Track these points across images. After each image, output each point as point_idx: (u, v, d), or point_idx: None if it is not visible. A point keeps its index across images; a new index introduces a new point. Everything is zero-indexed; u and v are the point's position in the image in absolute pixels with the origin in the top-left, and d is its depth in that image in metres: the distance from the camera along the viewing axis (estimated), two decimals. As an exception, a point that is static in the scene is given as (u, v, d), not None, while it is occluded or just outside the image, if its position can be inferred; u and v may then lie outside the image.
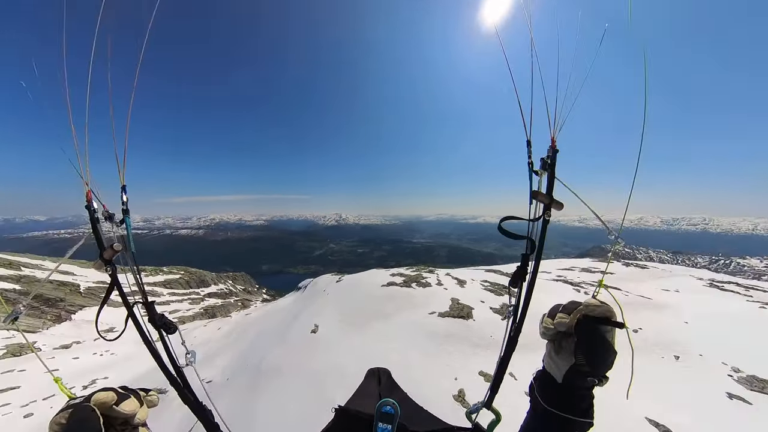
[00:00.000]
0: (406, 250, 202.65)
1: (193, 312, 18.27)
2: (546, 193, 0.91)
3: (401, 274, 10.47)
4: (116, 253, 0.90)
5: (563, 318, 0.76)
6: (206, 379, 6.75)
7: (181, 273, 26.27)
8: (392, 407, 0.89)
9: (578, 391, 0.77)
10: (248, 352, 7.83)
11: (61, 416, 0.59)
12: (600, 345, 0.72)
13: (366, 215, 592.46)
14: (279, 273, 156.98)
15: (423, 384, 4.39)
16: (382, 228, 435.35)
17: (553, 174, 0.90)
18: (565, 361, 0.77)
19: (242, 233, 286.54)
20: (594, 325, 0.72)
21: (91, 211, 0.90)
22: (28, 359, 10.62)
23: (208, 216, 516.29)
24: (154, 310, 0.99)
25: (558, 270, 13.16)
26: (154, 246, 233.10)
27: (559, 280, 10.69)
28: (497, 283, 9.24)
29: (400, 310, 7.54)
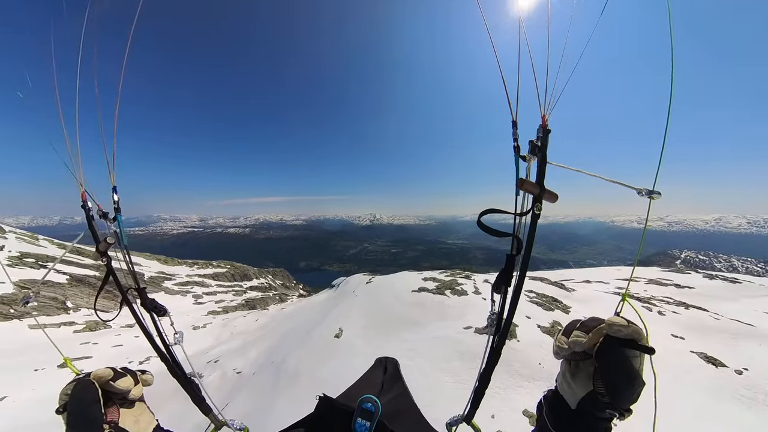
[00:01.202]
0: (441, 251, 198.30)
1: (236, 303, 19.48)
2: (536, 182, 0.75)
3: (434, 278, 9.67)
4: (109, 246, 0.98)
5: (580, 337, 0.67)
6: (236, 369, 6.90)
7: (227, 267, 28.40)
8: (373, 405, 0.88)
9: (593, 422, 0.68)
10: (275, 348, 7.86)
11: (67, 387, 0.71)
12: (625, 373, 0.61)
13: (400, 215, 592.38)
14: (316, 270, 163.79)
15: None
16: (416, 228, 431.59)
17: (544, 159, 0.73)
18: (582, 386, 0.68)
19: (283, 232, 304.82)
20: (619, 348, 0.62)
21: (86, 210, 0.98)
22: (101, 334, 12.19)
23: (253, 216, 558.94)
24: (145, 296, 1.07)
25: (617, 281, 11.34)
26: (207, 242, 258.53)
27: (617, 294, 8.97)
28: (545, 295, 7.98)
29: (431, 321, 6.81)
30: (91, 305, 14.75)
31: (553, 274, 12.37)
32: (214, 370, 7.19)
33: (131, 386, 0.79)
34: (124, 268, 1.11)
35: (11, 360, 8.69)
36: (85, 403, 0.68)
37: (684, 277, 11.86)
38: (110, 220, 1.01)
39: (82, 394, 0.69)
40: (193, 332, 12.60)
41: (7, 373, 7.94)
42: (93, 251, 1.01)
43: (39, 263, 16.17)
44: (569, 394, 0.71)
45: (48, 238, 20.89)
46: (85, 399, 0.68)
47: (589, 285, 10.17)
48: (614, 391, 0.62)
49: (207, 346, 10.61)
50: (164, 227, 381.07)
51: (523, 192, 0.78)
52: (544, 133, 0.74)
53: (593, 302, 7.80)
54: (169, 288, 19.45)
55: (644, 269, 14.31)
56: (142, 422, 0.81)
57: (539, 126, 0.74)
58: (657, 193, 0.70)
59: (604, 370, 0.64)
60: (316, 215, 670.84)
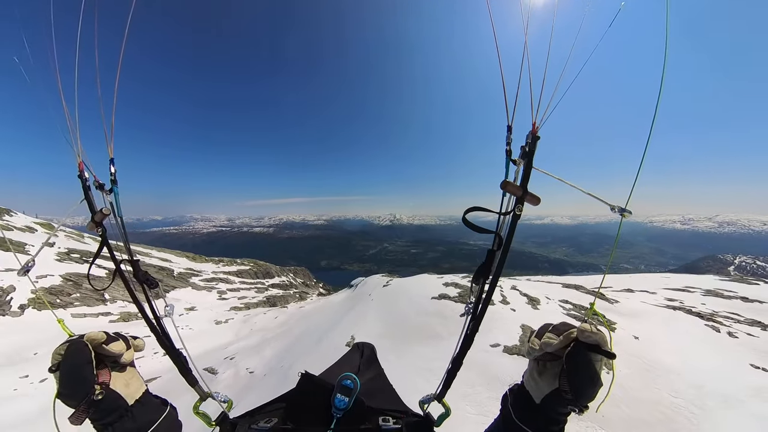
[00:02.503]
0: (462, 252, 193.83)
1: (257, 300, 19.95)
2: (520, 184, 0.79)
3: (456, 284, 8.77)
4: (105, 217, 0.96)
5: (552, 339, 0.73)
6: (249, 369, 6.88)
7: (251, 265, 29.35)
8: (352, 381, 0.94)
9: (554, 415, 0.76)
10: (287, 351, 7.73)
11: (60, 348, 0.72)
12: (589, 375, 0.67)
13: (420, 215, 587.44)
14: (336, 269, 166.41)
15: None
16: (437, 228, 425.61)
17: (530, 163, 0.78)
18: (548, 384, 0.75)
19: (305, 232, 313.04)
20: (586, 353, 0.68)
21: (83, 180, 0.96)
22: (133, 324, 12.97)
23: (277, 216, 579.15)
24: (138, 268, 1.06)
25: (666, 290, 9.80)
26: (234, 241, 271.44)
27: (677, 307, 7.44)
28: (583, 306, 6.98)
29: (453, 335, 5.89)
30: (127, 298, 15.69)
31: (585, 280, 11.14)
32: (229, 368, 7.24)
33: (123, 350, 0.80)
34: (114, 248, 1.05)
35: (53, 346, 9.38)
36: (78, 363, 0.69)
37: (750, 288, 10.02)
38: (106, 191, 0.99)
39: (74, 355, 0.70)
40: (215, 327, 13.01)
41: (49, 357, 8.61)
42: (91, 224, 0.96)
43: (83, 258, 17.49)
44: (535, 390, 0.78)
45: (92, 236, 22.64)
46: (78, 359, 0.69)
47: (632, 295, 8.92)
48: (579, 389, 0.67)
49: (227, 341, 10.85)
50: (196, 226, 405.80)
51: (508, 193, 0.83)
52: (533, 140, 0.78)
53: (643, 317, 6.51)
54: (196, 284, 20.32)
55: (696, 277, 12.53)
56: (132, 386, 0.82)
57: (529, 132, 0.78)
58: (628, 211, 0.74)
59: (572, 372, 0.68)
60: (337, 215, 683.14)
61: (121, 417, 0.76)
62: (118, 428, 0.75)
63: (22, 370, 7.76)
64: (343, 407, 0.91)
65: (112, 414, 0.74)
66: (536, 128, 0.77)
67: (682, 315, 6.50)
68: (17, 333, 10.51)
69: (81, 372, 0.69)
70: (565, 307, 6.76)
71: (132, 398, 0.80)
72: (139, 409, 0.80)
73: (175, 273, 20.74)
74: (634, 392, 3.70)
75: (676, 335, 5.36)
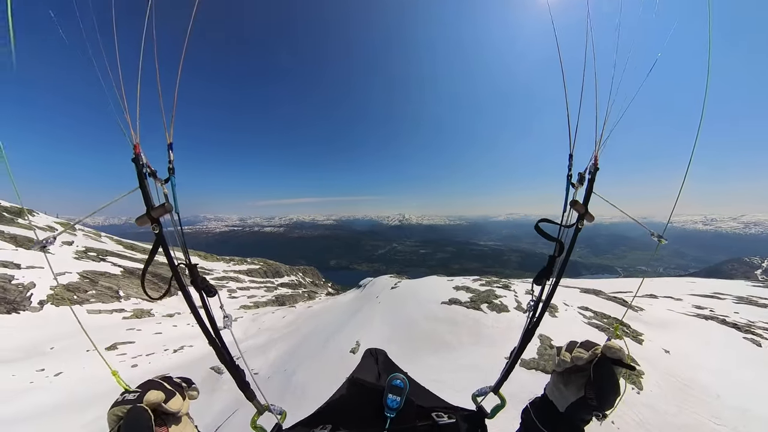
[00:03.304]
0: (472, 253, 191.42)
1: (266, 299, 20.09)
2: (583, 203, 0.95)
3: (467, 288, 8.29)
4: (166, 213, 0.85)
5: (582, 353, 0.80)
6: (254, 370, 6.75)
7: (260, 264, 29.69)
8: (402, 381, 0.96)
9: (577, 422, 0.83)
10: (291, 354, 7.57)
11: (118, 409, 0.70)
12: (612, 387, 0.75)
13: (429, 215, 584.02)
14: (345, 269, 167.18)
15: None
16: (446, 228, 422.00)
17: (591, 189, 0.94)
18: (574, 393, 0.82)
19: (315, 231, 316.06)
20: (610, 366, 0.76)
21: (139, 165, 0.82)
22: (145, 321, 13.24)
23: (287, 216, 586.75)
24: (196, 273, 0.98)
25: (693, 296, 9.12)
26: (245, 240, 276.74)
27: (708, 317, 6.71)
28: (606, 315, 6.36)
29: (463, 345, 5.56)
30: (140, 295, 16.04)
31: (603, 284, 10.52)
32: None
33: (181, 406, 0.79)
34: None
35: (69, 341, 9.68)
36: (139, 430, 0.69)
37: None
38: (161, 181, 0.87)
39: (135, 423, 0.69)
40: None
41: (65, 352, 8.88)
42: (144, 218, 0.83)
43: (99, 257, 18.00)
44: (560, 400, 0.86)
45: (109, 235, 23.37)
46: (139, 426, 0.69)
47: (656, 301, 8.29)
48: (603, 398, 0.76)
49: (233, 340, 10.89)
50: (209, 226, 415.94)
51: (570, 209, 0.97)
52: (594, 170, 0.93)
53: (672, 328, 5.91)
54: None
55: (726, 283, 11.68)
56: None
57: (591, 164, 0.93)
58: (664, 239, 0.92)
59: (598, 382, 0.76)
60: (347, 215, 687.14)
61: None
62: None
63: (38, 363, 7.96)
64: (395, 407, 0.92)
65: None
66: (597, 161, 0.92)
67: (715, 325, 5.99)
68: (36, 328, 10.86)
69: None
70: (586, 315, 6.22)
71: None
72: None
73: (187, 273, 21.16)
74: (669, 417, 3.30)
75: (712, 349, 4.88)
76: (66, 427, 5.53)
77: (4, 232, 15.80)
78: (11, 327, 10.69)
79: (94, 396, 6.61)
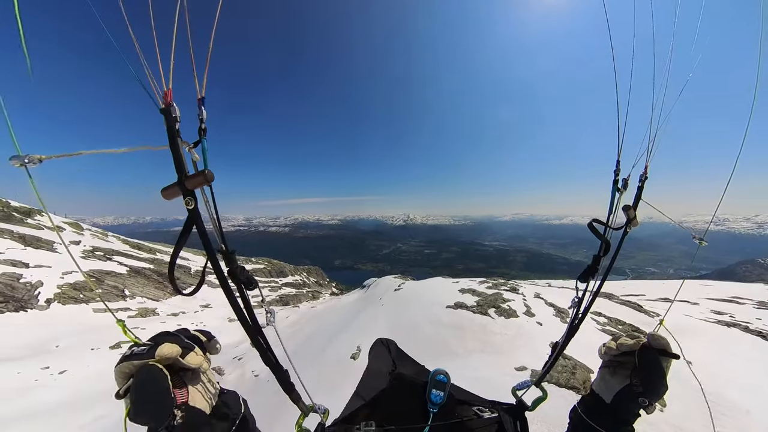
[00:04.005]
0: (477, 253, 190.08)
1: (270, 298, 20.11)
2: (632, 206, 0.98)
3: (473, 290, 7.90)
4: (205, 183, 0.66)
5: (627, 341, 0.84)
6: (255, 372, 6.70)
7: (265, 263, 29.81)
8: (445, 376, 0.97)
9: (624, 414, 0.84)
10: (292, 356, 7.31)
11: (125, 366, 0.60)
12: (658, 371, 0.77)
13: (434, 215, 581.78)
14: (349, 269, 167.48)
15: None
16: (451, 228, 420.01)
17: (639, 197, 1.00)
18: (619, 382, 0.84)
19: (319, 231, 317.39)
20: (655, 354, 0.79)
21: (169, 117, 0.63)
22: (149, 321, 13.33)
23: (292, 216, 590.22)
24: (235, 261, 0.76)
25: (711, 300, 8.72)
26: (251, 240, 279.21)
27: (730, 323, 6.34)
28: (621, 321, 6.03)
29: (470, 353, 5.14)
30: (145, 294, 16.15)
31: (614, 287, 10.17)
32: (236, 368, 7.12)
33: (202, 362, 0.69)
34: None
35: (74, 339, 9.75)
36: (153, 392, 0.59)
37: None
38: (189, 144, 0.67)
39: (148, 385, 0.59)
40: (228, 324, 13.12)
41: (70, 350, 8.94)
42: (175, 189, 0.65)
43: (106, 256, 18.18)
44: (605, 391, 0.88)
45: (116, 235, 23.65)
46: (153, 389, 0.59)
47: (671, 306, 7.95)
48: (650, 383, 0.78)
49: (238, 339, 10.89)
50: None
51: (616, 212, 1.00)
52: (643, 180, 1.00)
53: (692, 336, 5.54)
54: (212, 281, 20.67)
55: (744, 286, 11.21)
56: (210, 392, 0.73)
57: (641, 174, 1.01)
58: (705, 240, 1.02)
59: (643, 368, 0.79)
60: (351, 215, 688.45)
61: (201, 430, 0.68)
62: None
63: (44, 361, 8.00)
64: (439, 402, 0.93)
65: (192, 430, 0.66)
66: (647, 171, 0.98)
67: (738, 333, 5.61)
68: (42, 326, 10.96)
69: (157, 402, 0.59)
70: (599, 321, 5.86)
71: (211, 407, 0.72)
72: (218, 415, 0.74)
73: (192, 270, 21.27)
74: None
75: (737, 360, 4.52)
76: (69, 424, 5.53)
77: (13, 231, 16.05)
78: (19, 325, 10.80)
79: (98, 394, 6.61)
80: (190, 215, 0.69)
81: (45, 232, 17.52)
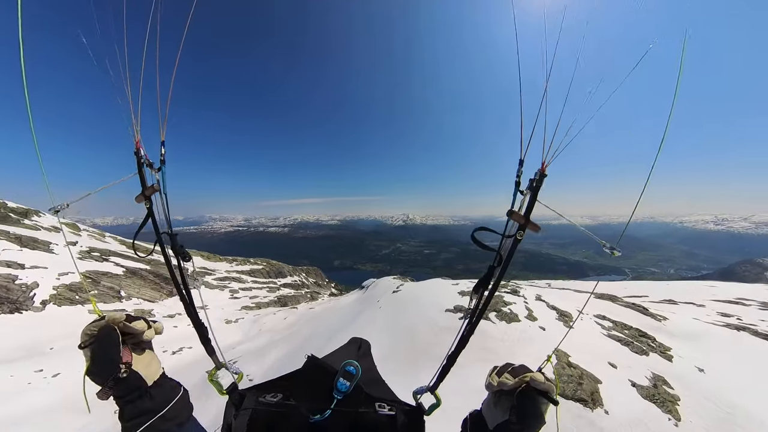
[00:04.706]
0: (476, 254, 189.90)
1: (268, 299, 19.93)
2: (524, 213, 0.93)
3: None
4: (154, 192, 1.07)
5: (508, 380, 0.86)
6: (250, 376, 6.62)
7: (263, 264, 29.61)
8: (355, 368, 1.01)
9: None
10: (287, 361, 7.22)
11: (90, 327, 0.79)
12: (534, 415, 0.81)
13: (433, 215, 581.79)
14: (349, 269, 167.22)
15: None
16: (450, 229, 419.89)
17: (535, 198, 0.92)
18: (500, 415, 0.88)
19: (319, 232, 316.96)
20: (536, 396, 0.82)
21: (138, 157, 1.06)
22: None
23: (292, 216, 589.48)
24: (176, 241, 1.13)
25: (716, 302, 8.56)
26: (250, 240, 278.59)
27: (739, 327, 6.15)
28: (628, 326, 5.78)
29: (470, 361, 4.66)
30: (141, 295, 16.00)
31: (617, 288, 10.01)
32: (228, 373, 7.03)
33: (145, 329, 0.85)
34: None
35: (69, 341, 9.60)
36: (108, 345, 0.77)
37: None
38: (155, 170, 1.09)
39: (105, 337, 0.77)
40: (225, 326, 12.97)
41: (65, 352, 8.81)
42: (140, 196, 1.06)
43: (102, 257, 18.01)
44: (490, 418, 0.92)
45: (113, 235, 23.45)
46: (108, 342, 0.76)
47: (677, 308, 7.73)
48: (524, 425, 0.80)
49: (235, 341, 10.74)
50: (214, 226, 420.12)
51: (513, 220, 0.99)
52: (540, 177, 0.90)
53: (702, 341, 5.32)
54: (209, 282, 20.55)
55: (749, 287, 11.03)
56: (152, 368, 0.88)
57: (538, 170, 0.90)
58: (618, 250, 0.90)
59: (521, 409, 0.82)
60: (351, 215, 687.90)
61: (141, 396, 0.82)
62: (138, 405, 0.81)
63: (37, 364, 7.87)
64: (344, 390, 0.97)
65: (133, 392, 0.81)
66: (545, 167, 0.90)
67: (748, 337, 5.44)
68: (37, 328, 10.80)
69: (109, 352, 0.76)
70: (604, 325, 5.62)
71: (151, 379, 0.86)
72: (156, 390, 0.86)
73: (189, 272, 21.00)
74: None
75: (750, 366, 4.34)
76: (61, 429, 5.40)
77: (9, 232, 15.88)
78: (13, 326, 10.65)
79: (91, 397, 6.48)
80: (148, 212, 1.07)
81: (42, 233, 17.35)
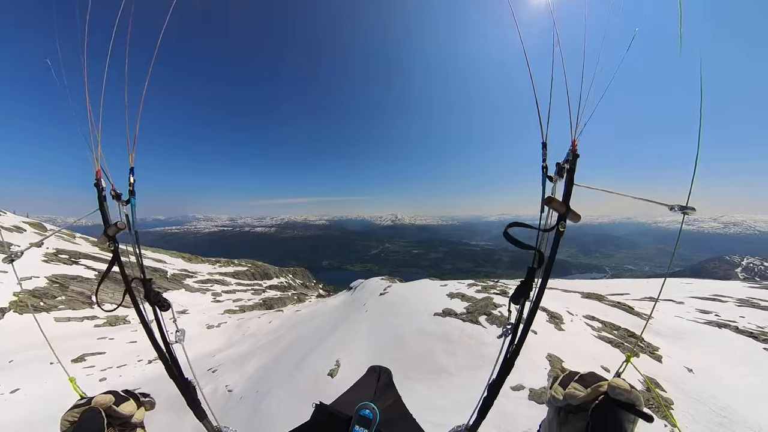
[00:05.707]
0: (464, 253, 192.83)
1: (253, 302, 19.28)
2: (562, 201, 0.80)
3: (462, 295, 7.30)
4: (119, 231, 0.93)
5: (578, 390, 0.66)
6: (229, 386, 6.26)
7: (248, 266, 28.70)
8: (371, 411, 0.91)
9: None
10: (270, 368, 6.90)
11: (70, 414, 0.72)
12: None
13: (422, 215, 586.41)
14: (337, 269, 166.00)
15: None
16: (439, 229, 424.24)
17: (571, 181, 0.79)
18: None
19: (307, 232, 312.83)
20: (618, 410, 0.60)
21: (99, 189, 0.92)
22: (119, 330, 12.35)
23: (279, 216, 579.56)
24: (150, 288, 1.02)
25: (694, 299, 8.83)
26: (235, 240, 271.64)
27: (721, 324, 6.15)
28: (617, 326, 5.71)
29: (462, 370, 4.61)
30: (115, 301, 15.05)
31: (600, 286, 10.22)
32: (209, 383, 6.61)
33: (134, 411, 0.79)
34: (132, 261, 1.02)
35: (31, 352, 8.86)
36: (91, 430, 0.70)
37: None
38: (123, 202, 0.94)
39: (87, 424, 0.70)
40: (206, 331, 12.36)
41: (26, 365, 8.11)
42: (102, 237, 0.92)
43: (72, 259, 16.85)
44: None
45: (84, 236, 22.03)
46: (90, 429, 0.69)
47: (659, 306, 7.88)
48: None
49: (216, 347, 10.23)
50: (198, 226, 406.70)
51: (548, 209, 0.83)
52: (573, 158, 0.78)
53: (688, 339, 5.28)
54: (190, 285, 19.66)
55: (723, 284, 11.51)
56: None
57: (569, 150, 0.79)
58: (691, 208, 0.70)
59: (598, 427, 0.61)
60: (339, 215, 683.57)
61: None
62: None
63: (-5, 379, 7.17)
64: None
65: None
66: (575, 146, 0.78)
67: (730, 334, 5.48)
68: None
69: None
70: (594, 326, 5.57)
71: None
72: None
73: (169, 274, 20.10)
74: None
75: (736, 365, 4.31)
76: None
77: (-36, 233, 14.59)
78: (-33, 339, 9.72)
79: (54, 415, 5.91)
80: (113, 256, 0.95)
81: (2, 233, 16.06)
